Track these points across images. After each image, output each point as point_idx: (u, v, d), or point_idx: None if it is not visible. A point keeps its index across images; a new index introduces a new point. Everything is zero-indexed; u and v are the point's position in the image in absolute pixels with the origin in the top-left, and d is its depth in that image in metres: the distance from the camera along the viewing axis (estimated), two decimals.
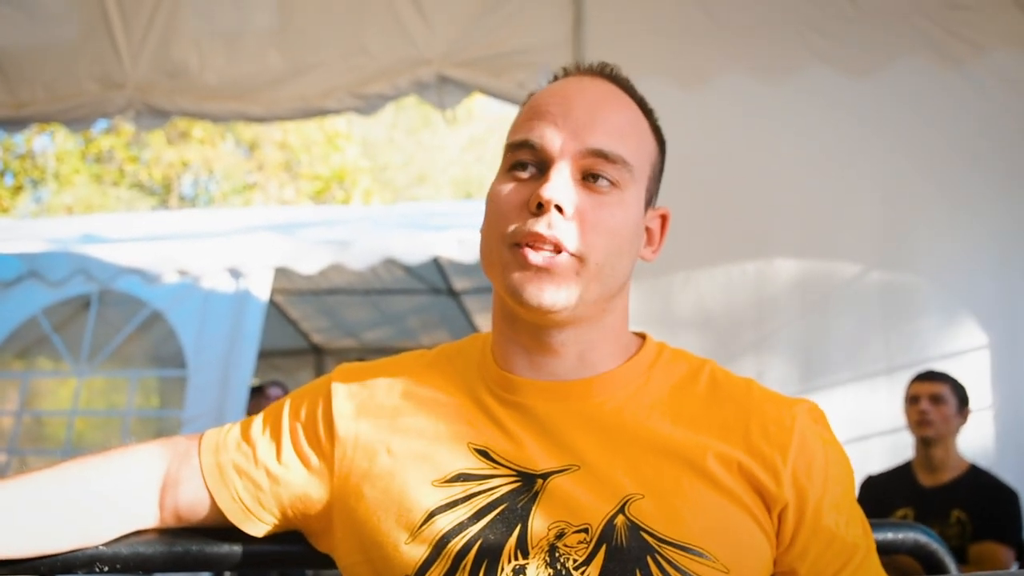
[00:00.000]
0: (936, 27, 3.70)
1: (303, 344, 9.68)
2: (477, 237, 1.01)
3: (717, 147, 3.47)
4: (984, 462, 3.30)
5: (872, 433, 3.35)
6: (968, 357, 3.43)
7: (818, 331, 3.51)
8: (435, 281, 8.36)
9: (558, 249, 0.94)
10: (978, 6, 3.70)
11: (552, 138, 0.97)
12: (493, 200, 1.01)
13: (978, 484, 3.01)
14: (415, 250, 6.42)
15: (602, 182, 0.97)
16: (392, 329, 9.24)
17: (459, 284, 8.45)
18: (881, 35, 3.72)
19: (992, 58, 3.65)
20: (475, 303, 8.74)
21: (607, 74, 1.06)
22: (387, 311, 9.12)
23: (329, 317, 9.33)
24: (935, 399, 3.08)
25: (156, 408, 7.73)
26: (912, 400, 3.13)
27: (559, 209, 0.94)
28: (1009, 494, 2.97)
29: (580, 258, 0.95)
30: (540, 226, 0.94)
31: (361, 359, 1.13)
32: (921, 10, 3.72)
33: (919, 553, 1.20)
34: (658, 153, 1.07)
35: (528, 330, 1.00)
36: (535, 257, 0.94)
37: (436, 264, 7.61)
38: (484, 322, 8.73)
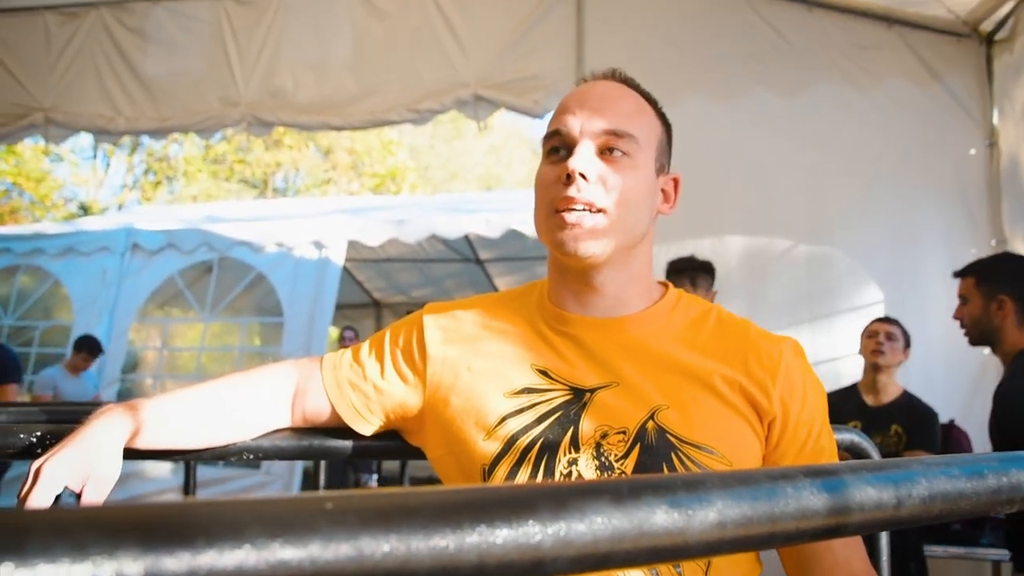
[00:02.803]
0: (846, 60, 3.68)
1: (367, 299, 9.69)
2: (499, 217, 0.99)
3: (684, 153, 3.37)
4: None
5: None
6: (869, 310, 3.41)
7: (759, 292, 3.50)
8: (466, 252, 8.33)
9: (589, 208, 0.92)
10: (877, 44, 3.66)
11: (573, 124, 0.95)
12: (537, 181, 0.98)
13: (910, 405, 2.93)
14: (452, 228, 6.39)
15: (616, 153, 0.94)
16: (433, 289, 9.25)
17: (484, 255, 8.42)
18: (806, 65, 3.67)
19: (888, 85, 3.62)
20: (495, 269, 8.72)
21: (615, 76, 1.03)
22: (429, 275, 9.11)
23: (386, 279, 9.32)
24: (889, 336, 2.98)
25: (259, 347, 7.75)
26: (871, 335, 3.02)
27: (583, 176, 0.92)
28: (932, 415, 2.91)
29: (605, 211, 0.93)
30: (571, 191, 0.92)
31: (410, 311, 1.11)
32: (835, 47, 3.68)
33: (853, 449, 1.20)
34: (663, 131, 1.03)
35: (575, 275, 0.97)
36: (570, 217, 0.92)
37: (467, 239, 7.58)
38: (502, 284, 8.70)
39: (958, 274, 2.44)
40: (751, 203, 3.57)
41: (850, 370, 3.28)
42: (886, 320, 3.09)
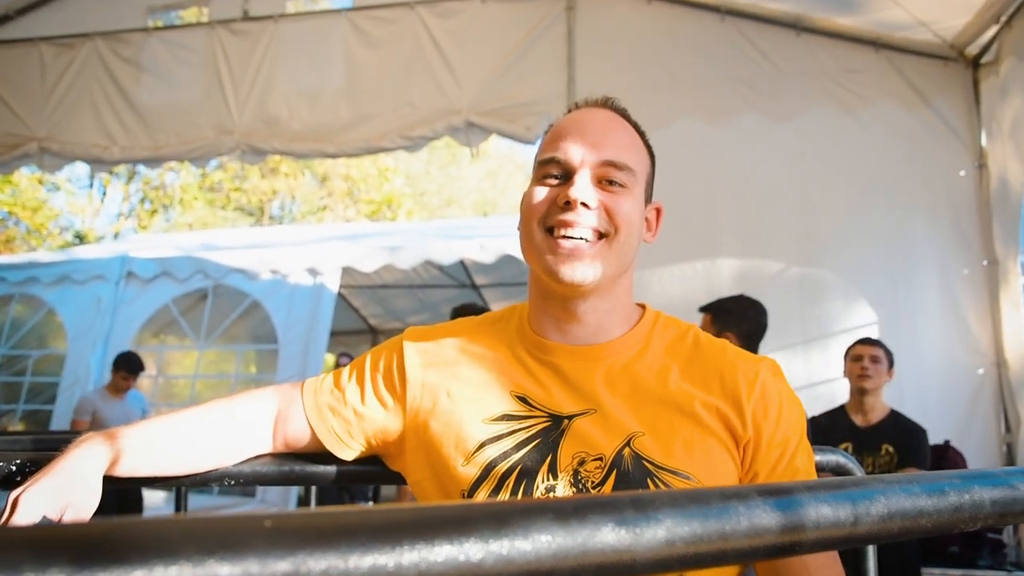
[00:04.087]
0: (836, 85, 3.72)
1: (363, 326, 9.68)
2: (494, 243, 0.99)
3: (676, 176, 3.44)
4: None
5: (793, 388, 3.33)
6: (862, 331, 3.42)
7: None
8: (461, 278, 8.34)
9: (588, 233, 0.93)
10: (866, 69, 3.71)
11: (574, 153, 0.96)
12: (528, 200, 0.99)
13: (898, 424, 2.93)
14: (447, 253, 6.40)
15: (615, 184, 0.96)
16: (429, 314, 9.24)
17: (479, 280, 8.43)
18: (796, 90, 3.72)
19: (877, 108, 3.67)
20: (491, 294, 8.72)
21: (610, 105, 1.04)
22: (425, 300, 9.11)
23: (382, 305, 9.32)
24: (874, 359, 2.98)
25: (254, 374, 7.73)
26: (855, 359, 3.02)
27: (584, 205, 0.93)
28: (921, 432, 2.91)
29: (606, 236, 0.94)
30: (570, 215, 0.93)
31: None
32: (825, 72, 3.73)
33: (839, 470, 1.20)
34: (650, 163, 1.05)
35: (558, 303, 0.98)
36: (566, 243, 0.92)
37: (462, 264, 7.60)
38: (497, 309, 8.68)
39: (702, 309, 2.73)
40: (743, 225, 3.60)
41: (844, 391, 3.27)
42: (869, 342, 3.09)
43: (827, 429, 2.99)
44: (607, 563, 0.35)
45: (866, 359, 3.00)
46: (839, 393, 3.30)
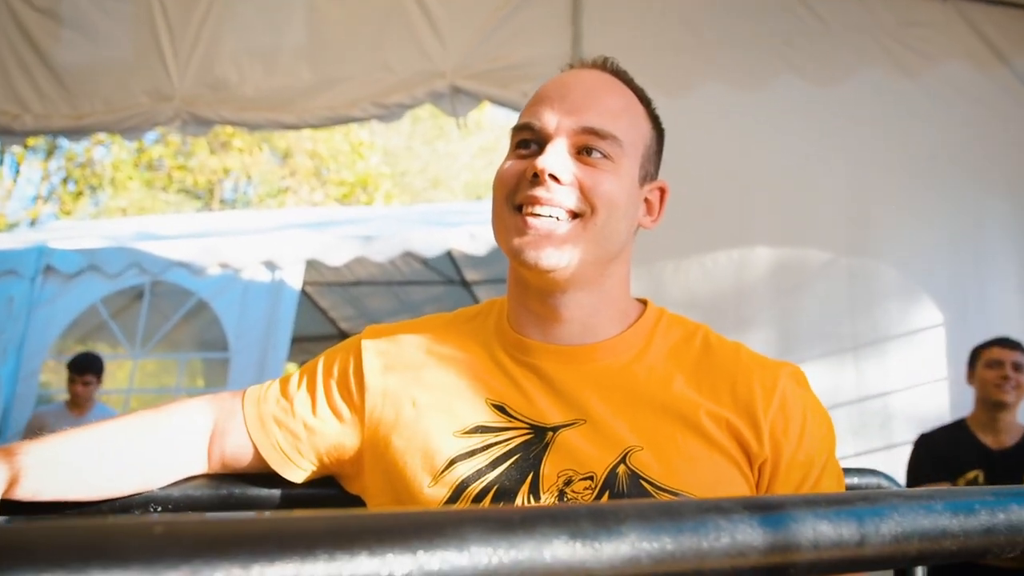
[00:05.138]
0: (893, 41, 3.72)
1: (331, 330, 9.68)
2: (487, 232, 1.02)
3: (701, 149, 3.47)
4: None
5: (839, 403, 3.35)
6: (925, 334, 3.43)
7: (792, 313, 3.51)
8: (449, 273, 8.35)
9: (559, 212, 0.94)
10: (930, 22, 3.70)
11: (549, 118, 0.97)
12: (498, 175, 1.01)
13: None
14: (431, 244, 6.41)
15: (596, 154, 0.97)
16: (411, 316, 9.19)
17: (470, 275, 8.44)
18: (845, 48, 3.73)
19: (943, 69, 3.66)
20: (485, 293, 8.73)
21: (605, 66, 1.05)
22: (406, 300, 9.12)
23: (354, 306, 9.33)
24: (1017, 366, 2.86)
25: (202, 387, 7.75)
26: (993, 364, 2.90)
27: (554, 178, 0.94)
28: None
29: (580, 216, 0.95)
30: (539, 191, 0.94)
31: None
32: (880, 26, 3.73)
33: None
34: (653, 135, 1.06)
35: (537, 296, 0.99)
36: (535, 222, 0.94)
37: (450, 257, 7.61)
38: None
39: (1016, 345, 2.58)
40: (782, 209, 3.60)
41: (904, 407, 3.30)
42: (1009, 345, 2.97)
43: (948, 452, 2.87)
44: None
45: (1008, 365, 2.89)
46: (897, 409, 3.32)
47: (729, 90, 3.67)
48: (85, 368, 4.83)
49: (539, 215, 0.94)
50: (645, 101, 1.07)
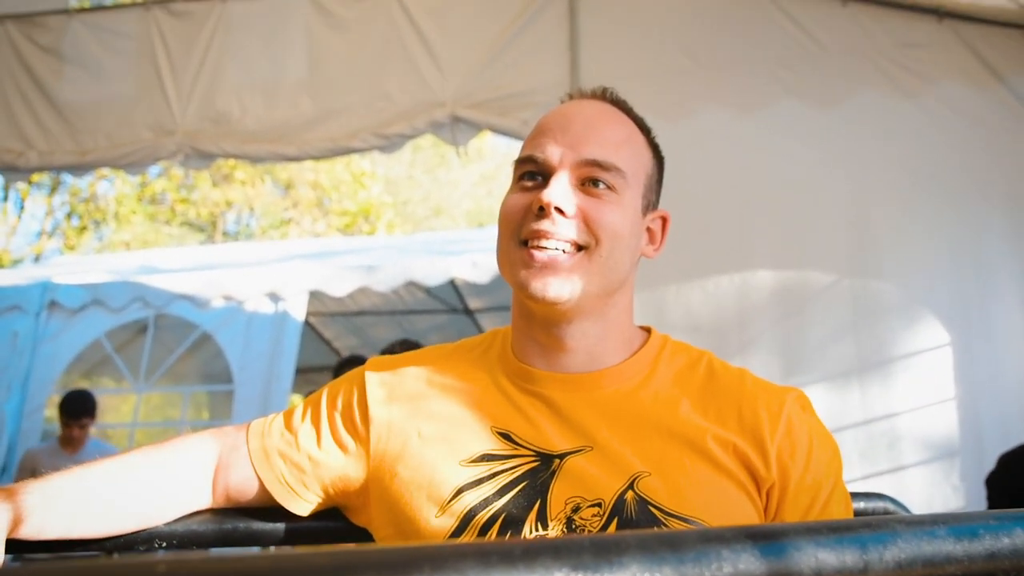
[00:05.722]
0: (891, 63, 3.75)
1: (334, 360, 9.67)
2: (490, 260, 1.03)
3: (701, 173, 3.48)
4: (947, 449, 3.28)
5: (845, 426, 3.34)
6: (931, 354, 3.42)
7: (795, 335, 3.51)
8: (452, 301, 8.36)
9: (564, 245, 0.95)
10: (927, 43, 3.73)
11: (552, 151, 0.99)
12: (503, 209, 1.02)
13: None
14: (434, 273, 6.43)
15: (599, 186, 0.98)
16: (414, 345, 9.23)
17: (473, 304, 8.45)
18: (843, 70, 3.75)
19: (941, 89, 3.69)
20: (488, 321, 8.73)
21: (604, 96, 1.07)
22: (409, 329, 9.11)
23: (358, 336, 9.33)
24: None
25: (207, 420, 7.74)
26: None
27: (559, 211, 0.95)
28: None
29: (585, 249, 0.96)
30: (544, 224, 0.95)
31: None
32: (877, 47, 3.75)
33: None
34: (654, 164, 1.07)
35: (542, 326, 1.00)
36: (540, 255, 0.95)
37: (452, 285, 7.62)
38: None
39: None
40: (782, 232, 3.61)
41: (911, 429, 3.28)
42: None
43: None
44: None
45: None
46: (904, 430, 3.30)
47: (728, 114, 3.69)
48: (81, 412, 4.70)
49: (545, 248, 0.95)
50: (645, 130, 1.08)
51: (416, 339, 9.31)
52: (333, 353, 9.51)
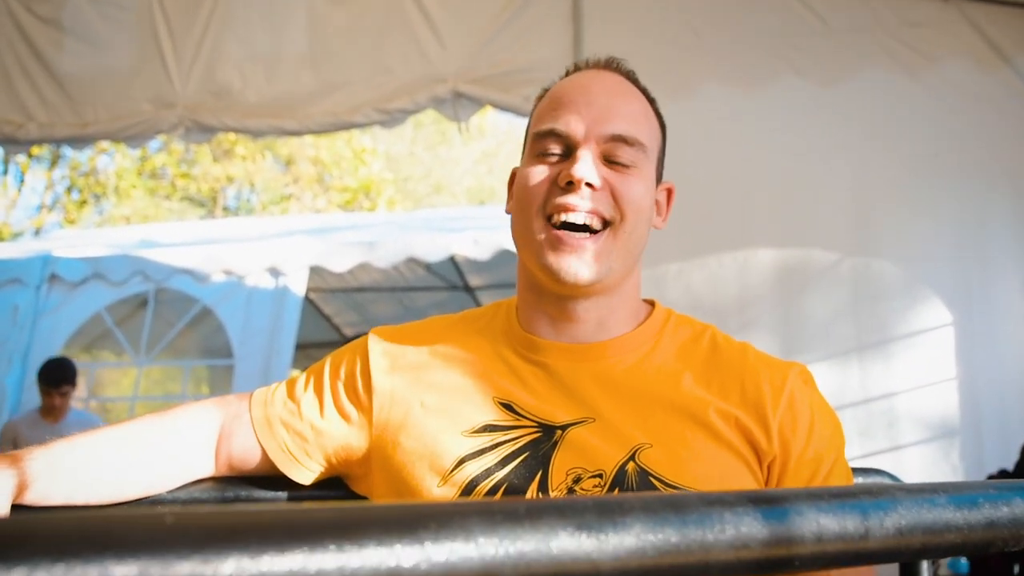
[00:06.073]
0: (895, 41, 3.73)
1: (335, 336, 9.69)
2: (490, 237, 1.03)
3: (703, 151, 3.47)
4: (947, 429, 3.30)
5: (845, 404, 3.35)
6: (933, 334, 3.42)
7: (795, 314, 3.51)
8: (452, 278, 8.37)
9: (591, 218, 0.95)
10: (932, 22, 3.71)
11: (576, 125, 0.98)
12: (523, 181, 1.01)
13: None
14: (434, 249, 6.43)
15: (624, 160, 0.98)
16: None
17: (473, 281, 8.46)
18: (846, 48, 3.73)
19: (945, 69, 3.67)
20: (488, 297, 8.74)
21: (616, 67, 1.06)
22: (410, 306, 9.13)
23: (358, 312, 9.34)
24: None
25: (207, 394, 7.75)
26: None
27: (589, 186, 0.95)
28: None
29: (613, 224, 0.96)
30: (571, 198, 0.95)
31: None
32: (881, 26, 3.73)
33: None
34: (661, 136, 1.08)
35: (553, 300, 1.00)
36: (569, 237, 0.95)
37: (453, 262, 7.62)
38: None
39: None
40: (784, 210, 3.61)
41: (910, 408, 3.29)
42: None
43: None
44: (564, 572, 0.37)
45: None
46: (904, 410, 3.31)
47: (731, 91, 3.68)
48: (61, 380, 4.57)
49: (573, 223, 0.95)
50: (651, 101, 1.09)
51: (415, 318, 9.38)
52: (333, 329, 9.53)
